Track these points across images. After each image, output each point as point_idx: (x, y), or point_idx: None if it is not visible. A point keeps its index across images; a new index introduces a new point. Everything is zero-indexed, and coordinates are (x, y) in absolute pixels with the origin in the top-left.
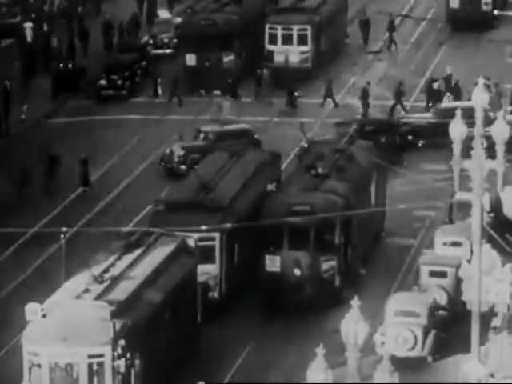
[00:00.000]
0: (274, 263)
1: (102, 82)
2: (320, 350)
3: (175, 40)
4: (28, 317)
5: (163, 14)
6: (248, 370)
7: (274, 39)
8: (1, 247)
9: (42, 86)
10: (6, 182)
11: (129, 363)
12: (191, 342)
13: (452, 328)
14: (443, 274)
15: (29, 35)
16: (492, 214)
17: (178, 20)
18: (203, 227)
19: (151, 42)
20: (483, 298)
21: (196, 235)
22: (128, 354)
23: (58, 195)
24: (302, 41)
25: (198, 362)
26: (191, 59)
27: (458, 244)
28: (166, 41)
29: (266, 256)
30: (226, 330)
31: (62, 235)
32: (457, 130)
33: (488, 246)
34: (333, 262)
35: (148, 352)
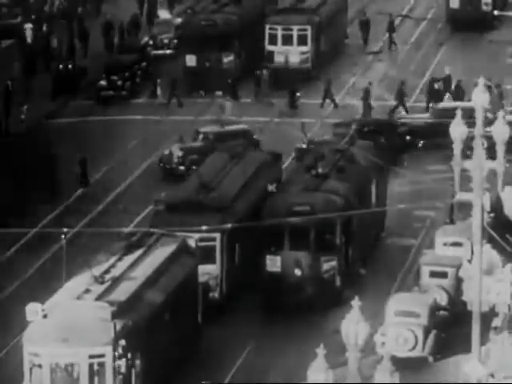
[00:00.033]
0: (274, 263)
1: (102, 83)
2: (320, 351)
3: (175, 41)
4: (29, 317)
5: (163, 14)
6: (248, 370)
7: (273, 40)
8: (2, 247)
9: (42, 87)
10: (6, 181)
11: (129, 363)
12: (192, 342)
13: (452, 328)
14: (444, 275)
15: (29, 36)
16: (492, 215)
17: (178, 21)
18: (204, 227)
19: (151, 42)
20: (484, 298)
21: (197, 235)
22: (129, 355)
23: (59, 195)
24: (302, 41)
25: (199, 362)
26: (191, 60)
27: (458, 244)
28: (166, 41)
29: (267, 256)
30: (226, 331)
31: (62, 236)
32: (457, 131)
33: (488, 246)
34: (333, 263)
35: (149, 352)
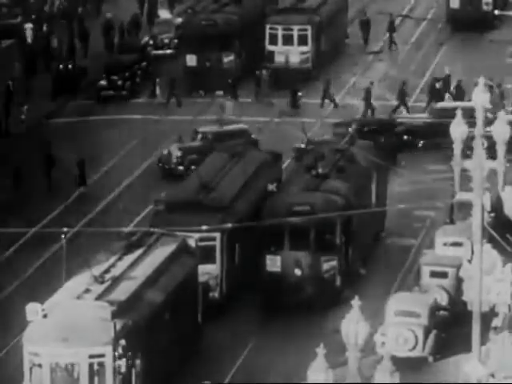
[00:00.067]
0: (274, 263)
1: (103, 83)
2: (320, 350)
3: (176, 40)
4: (29, 317)
5: (164, 14)
6: (248, 369)
7: (274, 39)
8: (1, 247)
9: (42, 87)
10: (6, 181)
11: (129, 363)
12: (192, 342)
13: (453, 328)
14: (444, 275)
15: (29, 36)
16: (493, 214)
17: (179, 20)
18: (204, 227)
19: (152, 42)
20: (484, 298)
21: (197, 235)
22: (129, 354)
23: (59, 195)
24: (303, 41)
25: (199, 361)
26: (192, 60)
27: (458, 244)
28: (166, 41)
29: (267, 256)
30: (226, 330)
31: (62, 235)
32: (458, 130)
33: (489, 246)
34: (333, 262)
35: (149, 352)
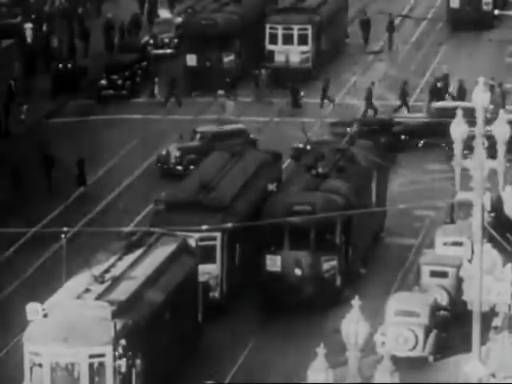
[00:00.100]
0: (274, 263)
1: (103, 82)
2: (321, 350)
3: (176, 40)
4: (29, 317)
5: (164, 13)
6: (248, 369)
7: (274, 39)
8: (1, 247)
9: (42, 87)
10: (6, 181)
11: (130, 363)
12: (192, 341)
13: (453, 328)
14: (444, 274)
15: (29, 36)
16: (493, 214)
17: (179, 20)
18: (204, 227)
19: (152, 42)
20: (484, 297)
21: (197, 235)
22: (129, 354)
23: (59, 195)
24: (303, 41)
25: (199, 361)
26: (192, 59)
27: (458, 244)
28: (166, 41)
29: (267, 256)
30: (226, 330)
31: (62, 235)
32: (458, 130)
33: (489, 245)
34: (333, 262)
35: (149, 352)
